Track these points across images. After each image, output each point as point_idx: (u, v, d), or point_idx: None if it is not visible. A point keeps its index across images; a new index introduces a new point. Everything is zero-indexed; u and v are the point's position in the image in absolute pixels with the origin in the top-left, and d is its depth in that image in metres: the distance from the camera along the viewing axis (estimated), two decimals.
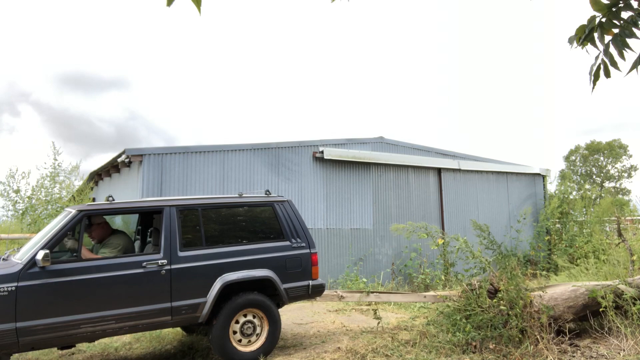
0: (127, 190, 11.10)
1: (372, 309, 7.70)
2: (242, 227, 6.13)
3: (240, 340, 5.57)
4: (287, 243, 6.09)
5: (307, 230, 6.32)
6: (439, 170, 14.64)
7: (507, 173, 16.28)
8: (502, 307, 5.94)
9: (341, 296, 7.31)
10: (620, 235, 8.91)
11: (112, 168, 11.84)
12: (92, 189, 13.60)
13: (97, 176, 13.06)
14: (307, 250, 6.19)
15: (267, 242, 6.01)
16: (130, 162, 10.54)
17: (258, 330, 5.70)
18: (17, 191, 12.07)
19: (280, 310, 8.12)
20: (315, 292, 6.20)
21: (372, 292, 7.65)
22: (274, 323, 5.78)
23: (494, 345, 5.57)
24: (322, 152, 12.30)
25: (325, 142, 12.62)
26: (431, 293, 7.81)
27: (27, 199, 12.04)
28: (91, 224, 5.76)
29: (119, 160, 10.47)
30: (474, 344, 5.68)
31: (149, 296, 5.11)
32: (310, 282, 6.14)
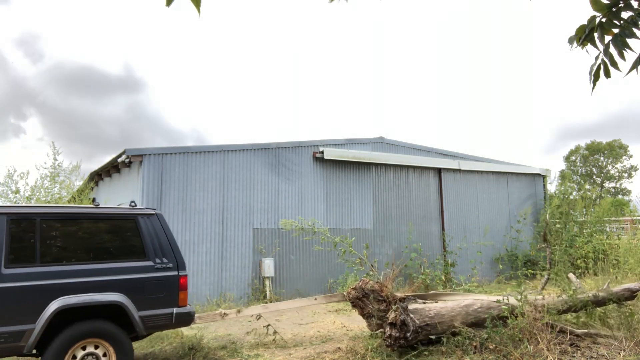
0: (128, 191, 11.10)
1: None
2: (93, 242, 5.29)
3: None
4: (150, 263, 5.29)
5: (177, 249, 5.53)
6: (439, 171, 14.64)
7: (507, 173, 16.28)
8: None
9: (224, 314, 6.80)
10: (545, 240, 8.54)
11: (112, 168, 11.84)
12: (92, 189, 13.60)
13: (98, 176, 13.06)
14: (175, 273, 5.39)
15: (123, 262, 5.20)
16: (130, 162, 10.54)
17: None
18: (17, 192, 12.05)
19: (279, 310, 7.90)
20: (181, 321, 5.40)
21: (260, 305, 7.33)
22: (124, 356, 4.90)
23: (494, 345, 5.57)
24: (322, 152, 12.30)
25: (325, 142, 12.62)
26: (322, 296, 7.57)
27: (26, 199, 12.03)
28: None
29: (119, 160, 10.47)
30: (474, 344, 5.68)
31: None
32: (175, 310, 5.31)
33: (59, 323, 4.73)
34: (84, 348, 4.79)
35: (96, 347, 4.84)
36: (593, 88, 2.73)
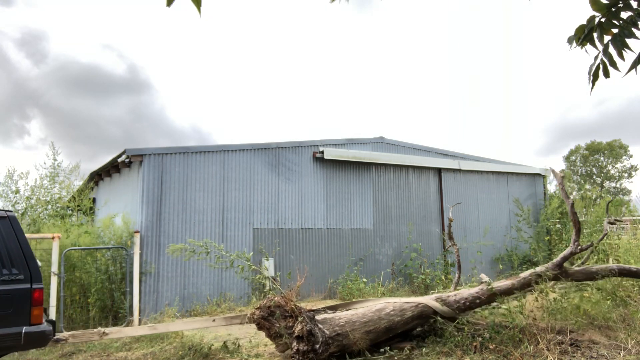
0: (128, 191, 11.10)
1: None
2: None
3: None
4: None
5: (31, 258, 4.78)
6: (439, 170, 14.64)
7: (507, 173, 16.28)
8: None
9: (103, 333, 6.10)
10: (450, 238, 8.47)
11: (112, 168, 11.83)
12: (92, 189, 13.60)
13: (98, 176, 13.06)
14: (27, 285, 4.66)
15: None
16: (130, 162, 10.54)
17: None
18: (17, 192, 12.07)
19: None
20: (33, 341, 4.64)
21: (149, 325, 6.71)
22: None
23: (494, 345, 5.57)
24: (322, 152, 12.30)
25: (325, 142, 12.62)
26: (221, 317, 6.97)
27: (26, 199, 12.04)
28: None
29: (119, 160, 10.47)
30: (475, 344, 5.68)
31: None
32: (25, 329, 4.56)
33: None
34: None
35: None
36: (592, 88, 2.73)
